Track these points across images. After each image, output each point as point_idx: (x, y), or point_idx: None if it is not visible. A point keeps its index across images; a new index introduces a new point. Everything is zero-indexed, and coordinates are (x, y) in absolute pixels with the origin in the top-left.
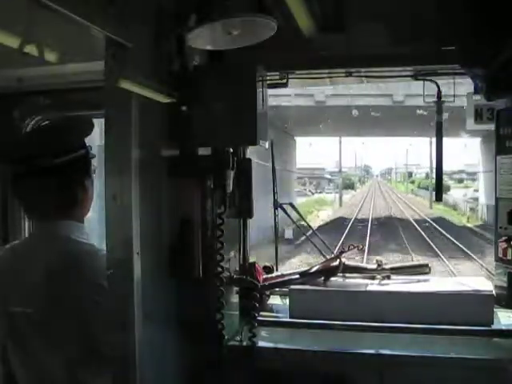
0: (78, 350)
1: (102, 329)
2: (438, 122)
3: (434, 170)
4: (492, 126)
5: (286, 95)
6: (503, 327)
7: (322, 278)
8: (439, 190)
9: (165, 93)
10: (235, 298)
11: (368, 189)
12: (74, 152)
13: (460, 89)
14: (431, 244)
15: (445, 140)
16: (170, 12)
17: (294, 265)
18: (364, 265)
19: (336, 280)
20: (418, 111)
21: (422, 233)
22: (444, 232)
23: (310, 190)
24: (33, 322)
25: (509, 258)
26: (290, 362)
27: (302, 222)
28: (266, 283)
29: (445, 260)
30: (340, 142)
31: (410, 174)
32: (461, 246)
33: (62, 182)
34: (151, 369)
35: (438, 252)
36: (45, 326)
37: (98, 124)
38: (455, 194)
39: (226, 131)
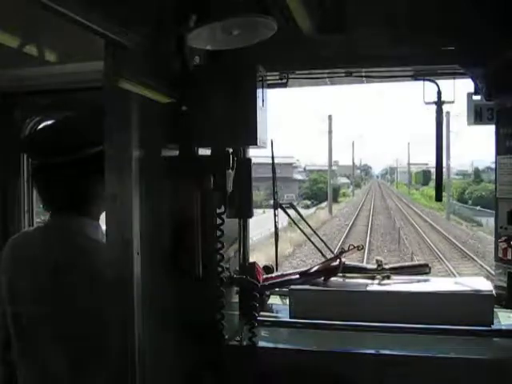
0: (78, 348)
1: (102, 326)
2: (437, 122)
3: (435, 169)
4: None
5: None
6: (503, 327)
7: (322, 278)
8: (439, 189)
9: (165, 93)
10: (235, 298)
11: (362, 199)
12: (91, 148)
13: None
14: None
15: None
16: (170, 12)
17: None
18: (364, 265)
19: (336, 280)
20: None
21: None
22: None
23: None
24: (36, 314)
25: (509, 257)
26: (290, 362)
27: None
28: (266, 283)
29: None
30: None
31: (427, 174)
32: None
33: (78, 177)
34: (151, 369)
35: None
36: (47, 319)
37: None
38: None
39: (226, 131)
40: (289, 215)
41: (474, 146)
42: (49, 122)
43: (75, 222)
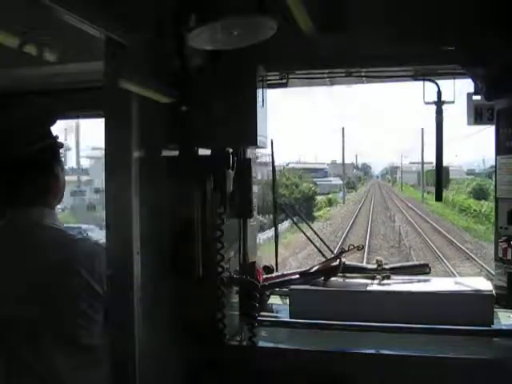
0: (77, 348)
1: (102, 326)
2: (437, 122)
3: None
4: None
5: None
6: (503, 327)
7: (322, 278)
8: (439, 188)
9: (165, 93)
10: (235, 298)
11: (354, 212)
12: (42, 141)
13: None
14: None
15: None
16: (169, 12)
17: None
18: (364, 265)
19: (336, 280)
20: None
21: None
22: None
23: None
24: (10, 313)
25: (509, 257)
26: (290, 362)
27: None
28: (266, 283)
29: None
30: None
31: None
32: None
33: (32, 169)
34: (151, 369)
35: None
36: (22, 317)
37: (98, 124)
38: None
39: (225, 131)
40: (291, 217)
41: (480, 144)
42: (6, 115)
43: (36, 214)
